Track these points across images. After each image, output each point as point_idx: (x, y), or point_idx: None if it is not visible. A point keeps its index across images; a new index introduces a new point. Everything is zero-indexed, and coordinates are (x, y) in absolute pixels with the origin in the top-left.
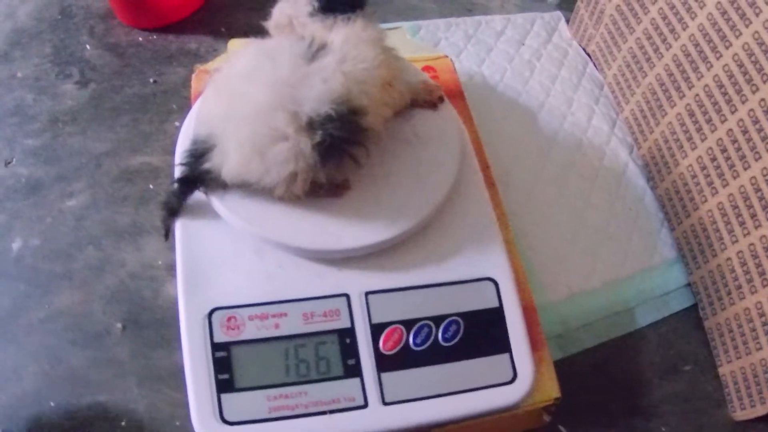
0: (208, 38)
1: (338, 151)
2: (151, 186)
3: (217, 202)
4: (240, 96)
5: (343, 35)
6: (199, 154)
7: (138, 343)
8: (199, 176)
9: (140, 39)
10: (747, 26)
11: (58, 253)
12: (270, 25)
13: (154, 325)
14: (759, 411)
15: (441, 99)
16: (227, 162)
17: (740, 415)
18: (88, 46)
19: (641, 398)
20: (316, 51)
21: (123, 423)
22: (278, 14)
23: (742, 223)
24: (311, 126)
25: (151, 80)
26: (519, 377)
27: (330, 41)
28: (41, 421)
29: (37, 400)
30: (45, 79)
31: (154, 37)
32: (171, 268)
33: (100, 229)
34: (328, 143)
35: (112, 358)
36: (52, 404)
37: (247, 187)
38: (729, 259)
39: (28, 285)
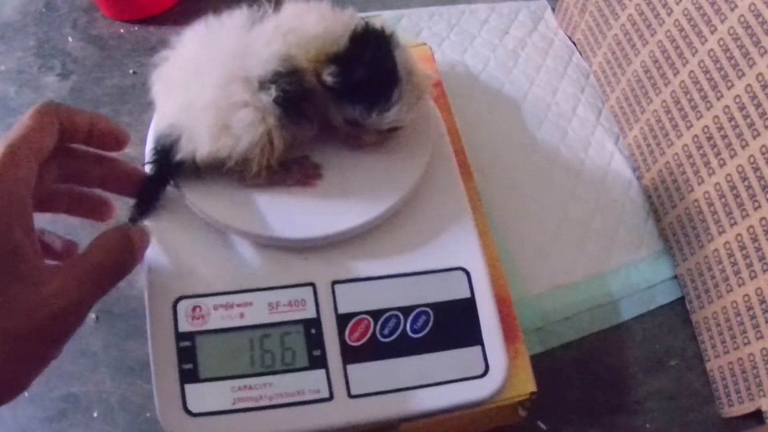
0: None
1: (295, 105)
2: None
3: (184, 192)
4: (193, 81)
5: (293, 8)
6: (167, 148)
7: (111, 334)
8: (172, 170)
9: (122, 31)
10: (732, 10)
11: None
12: None
13: (128, 316)
14: (748, 407)
15: None
16: (199, 147)
17: (729, 411)
18: (70, 39)
19: (625, 394)
20: (257, 18)
21: (95, 414)
22: None
23: (729, 214)
24: (263, 85)
25: (131, 71)
26: (491, 370)
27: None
28: (16, 412)
29: None
30: (27, 72)
31: (136, 28)
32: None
33: (77, 221)
34: (284, 96)
35: (86, 349)
36: (25, 395)
37: (221, 169)
38: (716, 250)
39: None
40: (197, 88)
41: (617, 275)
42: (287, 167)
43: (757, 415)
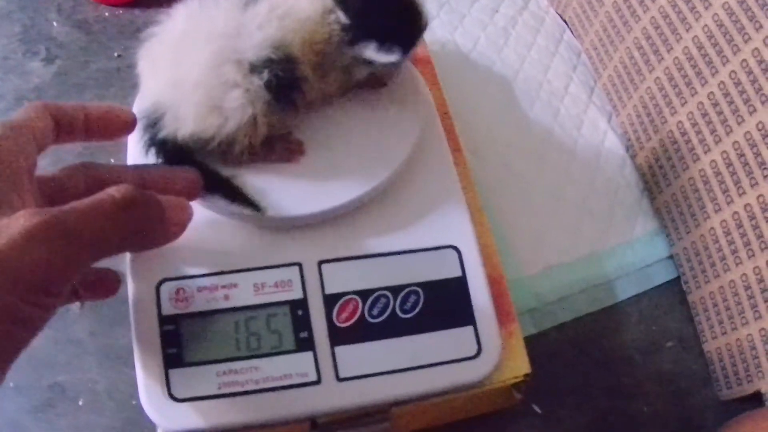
0: None
1: (285, 91)
2: (112, 160)
3: None
4: (181, 59)
5: None
6: (149, 124)
7: (97, 322)
8: (154, 147)
9: (106, 14)
10: None
11: None
12: None
13: (113, 303)
14: (746, 389)
15: (389, 76)
16: (183, 124)
17: (727, 394)
18: (55, 24)
19: (622, 377)
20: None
21: (80, 402)
22: None
23: (725, 191)
24: (255, 69)
25: (116, 54)
26: (484, 351)
27: None
28: (1, 402)
29: None
30: (13, 58)
31: (120, 12)
32: None
33: None
34: (276, 82)
35: (72, 337)
36: (11, 385)
37: (202, 149)
38: (713, 229)
39: None
40: (186, 66)
41: (612, 255)
42: (270, 144)
43: (755, 397)
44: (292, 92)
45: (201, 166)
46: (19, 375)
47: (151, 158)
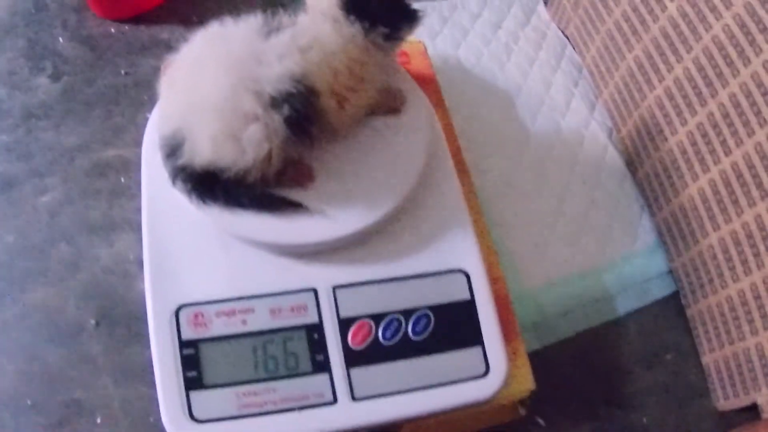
0: (180, 28)
1: (303, 127)
2: (122, 179)
3: (186, 198)
4: (200, 85)
5: (310, 16)
6: (170, 152)
7: (112, 339)
8: (173, 174)
9: (112, 30)
10: (727, 8)
11: (32, 249)
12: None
13: (127, 321)
14: (743, 401)
15: (403, 102)
16: (199, 151)
17: (724, 405)
18: (61, 39)
19: (622, 388)
20: (273, 27)
21: (98, 420)
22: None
23: (723, 210)
24: (276, 103)
25: (123, 72)
26: (492, 370)
27: (294, 21)
28: (18, 419)
29: (14, 398)
30: (19, 73)
31: (126, 27)
32: (142, 263)
33: (74, 225)
34: (295, 118)
35: (87, 354)
36: (28, 402)
37: (217, 178)
38: (711, 246)
39: (3, 282)
40: (205, 92)
41: (613, 269)
42: (281, 170)
43: (752, 409)
44: (310, 126)
45: (231, 186)
46: (35, 392)
47: (179, 188)
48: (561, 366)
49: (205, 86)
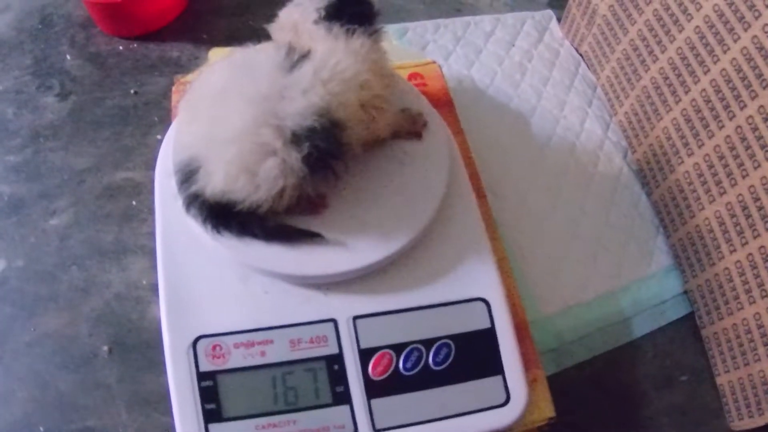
0: (189, 46)
1: (324, 164)
2: (134, 203)
3: (200, 227)
4: (220, 115)
5: (328, 45)
6: (183, 179)
7: (125, 366)
8: (187, 202)
9: (120, 48)
10: (746, 30)
11: (43, 274)
12: (273, 27)
13: (141, 348)
14: (758, 422)
15: (425, 126)
16: (212, 182)
17: (738, 425)
18: (68, 57)
19: (638, 410)
20: (295, 61)
21: None
22: (284, 18)
23: (740, 233)
24: (296, 139)
25: (132, 91)
26: (512, 399)
27: (313, 50)
28: None
29: (27, 426)
30: (26, 91)
31: (135, 45)
32: (156, 289)
33: (84, 249)
34: (316, 155)
35: (100, 381)
36: (41, 429)
37: (230, 208)
38: (727, 268)
39: (14, 308)
40: (223, 122)
41: (628, 292)
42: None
43: (766, 429)
44: (335, 161)
45: (245, 217)
46: (47, 420)
47: (193, 216)
48: (578, 389)
49: (227, 118)
